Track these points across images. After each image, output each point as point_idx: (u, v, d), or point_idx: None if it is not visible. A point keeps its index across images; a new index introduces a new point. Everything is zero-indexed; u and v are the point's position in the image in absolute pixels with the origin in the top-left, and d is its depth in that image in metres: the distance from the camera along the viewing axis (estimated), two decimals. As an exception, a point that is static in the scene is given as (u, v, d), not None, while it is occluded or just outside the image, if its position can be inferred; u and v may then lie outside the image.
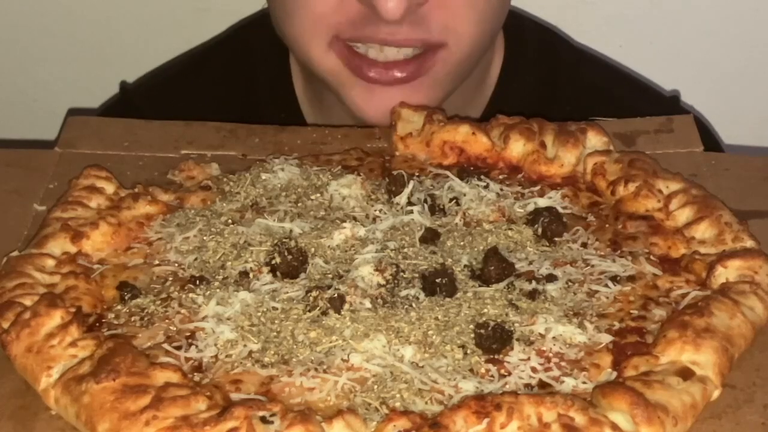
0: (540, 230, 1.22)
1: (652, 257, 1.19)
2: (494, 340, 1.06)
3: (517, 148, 1.35)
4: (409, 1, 1.38)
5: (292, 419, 0.96)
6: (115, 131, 1.44)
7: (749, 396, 1.05)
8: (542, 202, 1.27)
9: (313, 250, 1.19)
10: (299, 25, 1.48)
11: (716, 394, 1.03)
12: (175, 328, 1.10)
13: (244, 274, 1.16)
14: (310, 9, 1.45)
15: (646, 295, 1.14)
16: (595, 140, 1.35)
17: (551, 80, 1.74)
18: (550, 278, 1.15)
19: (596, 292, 1.14)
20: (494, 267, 1.15)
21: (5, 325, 1.08)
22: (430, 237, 1.22)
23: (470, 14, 1.46)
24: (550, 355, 1.06)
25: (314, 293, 1.11)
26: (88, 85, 2.12)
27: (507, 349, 1.06)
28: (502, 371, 1.05)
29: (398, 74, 1.46)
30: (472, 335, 1.07)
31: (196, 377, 1.04)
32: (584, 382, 1.04)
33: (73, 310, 1.09)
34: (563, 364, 1.05)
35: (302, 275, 1.16)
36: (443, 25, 1.45)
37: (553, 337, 1.08)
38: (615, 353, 1.07)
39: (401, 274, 1.15)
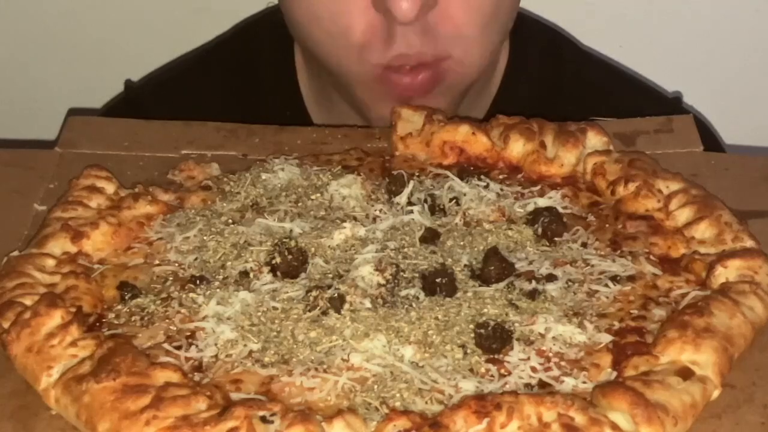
0: (540, 230, 1.22)
1: (652, 257, 1.19)
2: (494, 340, 1.06)
3: (517, 148, 1.34)
4: (422, 2, 1.39)
5: (292, 419, 0.96)
6: (116, 131, 1.44)
7: (749, 396, 1.04)
8: (542, 202, 1.26)
9: (313, 250, 1.19)
10: (337, 55, 1.49)
11: (716, 393, 1.03)
12: (175, 328, 1.10)
13: (244, 273, 1.16)
14: (346, 40, 1.45)
15: (646, 295, 1.14)
16: (595, 140, 1.35)
17: (555, 81, 1.74)
18: (550, 278, 1.15)
19: (596, 291, 1.14)
20: (494, 267, 1.15)
21: (5, 324, 1.08)
22: (430, 237, 1.22)
23: (476, 18, 1.46)
24: (550, 354, 1.06)
25: (314, 293, 1.11)
26: (89, 85, 2.12)
27: (507, 349, 1.06)
28: (502, 371, 1.05)
29: (421, 77, 1.46)
30: (472, 335, 1.07)
31: (196, 377, 1.04)
32: (584, 382, 1.03)
33: (73, 309, 1.09)
34: (563, 363, 1.05)
35: (302, 275, 1.16)
36: (451, 34, 1.45)
37: (553, 337, 1.08)
38: (615, 353, 1.06)
39: (401, 273, 1.15)
